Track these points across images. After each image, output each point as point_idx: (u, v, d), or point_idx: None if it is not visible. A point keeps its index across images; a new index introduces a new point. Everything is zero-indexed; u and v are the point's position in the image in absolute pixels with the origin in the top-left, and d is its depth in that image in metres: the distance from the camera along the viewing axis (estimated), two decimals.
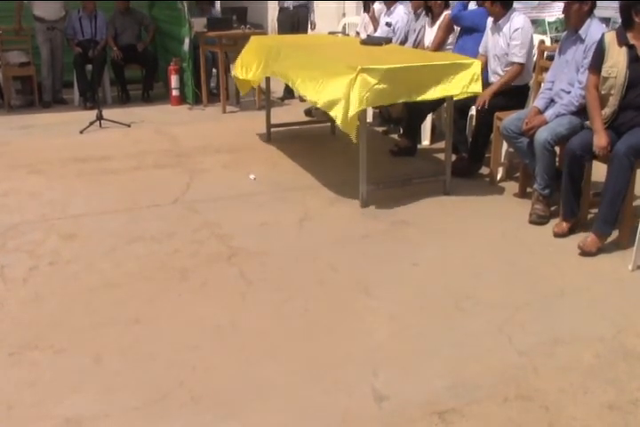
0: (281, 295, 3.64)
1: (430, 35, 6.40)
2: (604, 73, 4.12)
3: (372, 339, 3.20)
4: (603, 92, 4.14)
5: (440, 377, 2.89)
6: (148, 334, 3.27)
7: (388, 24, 7.12)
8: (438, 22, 6.30)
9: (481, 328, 3.27)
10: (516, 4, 5.60)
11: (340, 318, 3.39)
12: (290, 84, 5.62)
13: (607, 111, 4.13)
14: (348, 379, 2.89)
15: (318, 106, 4.95)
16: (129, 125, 7.41)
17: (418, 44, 6.60)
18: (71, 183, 5.51)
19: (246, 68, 6.44)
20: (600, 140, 4.04)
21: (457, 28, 6.24)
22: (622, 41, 4.07)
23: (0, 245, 4.31)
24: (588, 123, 4.25)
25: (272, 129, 6.86)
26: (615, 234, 4.20)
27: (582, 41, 4.48)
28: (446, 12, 6.21)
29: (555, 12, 8.32)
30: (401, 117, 6.59)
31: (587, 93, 4.26)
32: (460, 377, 2.89)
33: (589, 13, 4.49)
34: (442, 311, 3.45)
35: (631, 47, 4.05)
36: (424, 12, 6.55)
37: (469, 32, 5.95)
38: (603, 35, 4.19)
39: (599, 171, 4.31)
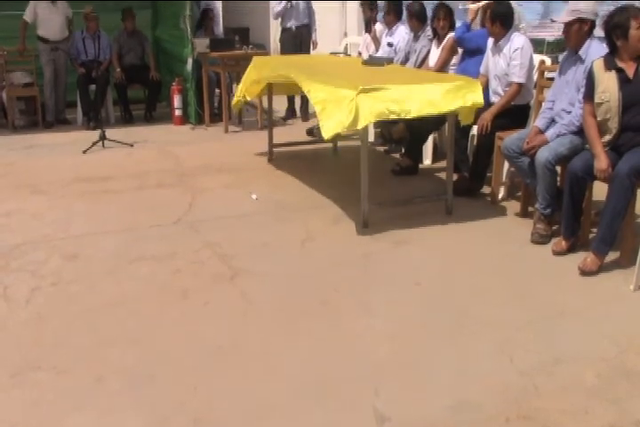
0: (282, 315, 3.64)
1: (435, 56, 6.45)
2: (597, 99, 4.15)
3: (374, 358, 3.20)
4: (599, 118, 4.17)
5: (441, 397, 2.89)
6: (150, 354, 3.27)
7: (390, 44, 7.19)
8: (443, 43, 6.36)
9: (482, 348, 3.27)
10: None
11: (342, 338, 3.39)
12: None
13: (608, 137, 4.16)
14: (350, 399, 2.89)
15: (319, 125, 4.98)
16: (132, 145, 7.45)
17: (420, 65, 6.64)
18: (74, 203, 5.53)
19: (248, 85, 6.52)
20: (600, 163, 4.05)
21: (460, 50, 6.30)
22: (610, 65, 4.12)
23: (3, 265, 4.32)
24: (588, 146, 4.28)
25: (274, 149, 6.89)
26: (616, 254, 4.20)
27: (582, 61, 4.51)
28: (451, 34, 6.27)
29: (555, 33, 8.38)
30: (402, 138, 6.61)
31: (584, 122, 4.29)
32: (462, 397, 2.88)
33: (589, 34, 4.53)
34: (443, 331, 3.45)
35: (620, 70, 4.10)
36: (429, 35, 6.61)
37: (472, 54, 5.98)
38: (591, 63, 4.24)
39: (600, 190, 4.32)
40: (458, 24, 6.33)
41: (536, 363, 3.12)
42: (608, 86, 4.11)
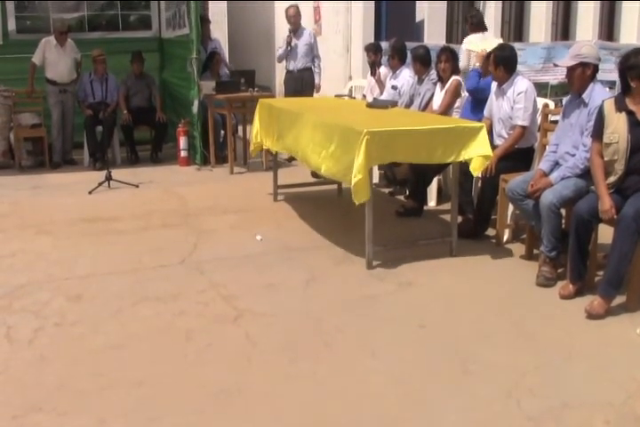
0: (287, 357, 3.61)
1: (439, 99, 6.50)
2: (605, 139, 4.17)
3: (378, 402, 3.16)
4: (606, 159, 4.18)
5: None
6: (153, 396, 3.24)
7: (394, 87, 7.26)
8: (446, 87, 6.42)
9: (489, 392, 3.23)
10: (519, 67, 5.70)
11: (347, 381, 3.36)
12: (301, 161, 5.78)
13: (613, 179, 4.17)
14: None
15: (329, 176, 5.03)
16: (137, 186, 7.47)
17: (425, 108, 6.69)
18: (78, 243, 5.54)
19: (263, 136, 6.60)
20: (604, 204, 4.06)
21: (464, 94, 6.34)
22: (621, 107, 4.14)
23: (6, 305, 4.31)
24: (593, 187, 4.28)
25: (279, 190, 6.92)
26: (623, 297, 4.17)
27: (586, 105, 4.54)
28: (454, 77, 6.32)
29: (558, 76, 8.46)
30: (406, 179, 6.64)
31: (590, 161, 4.30)
32: None
33: (592, 77, 4.56)
34: (449, 375, 3.42)
35: (630, 113, 4.12)
36: (433, 78, 6.67)
37: (479, 103, 5.95)
38: (602, 102, 4.27)
39: (607, 233, 4.31)
40: (470, 69, 6.35)
41: (544, 408, 3.08)
42: (617, 128, 4.13)
